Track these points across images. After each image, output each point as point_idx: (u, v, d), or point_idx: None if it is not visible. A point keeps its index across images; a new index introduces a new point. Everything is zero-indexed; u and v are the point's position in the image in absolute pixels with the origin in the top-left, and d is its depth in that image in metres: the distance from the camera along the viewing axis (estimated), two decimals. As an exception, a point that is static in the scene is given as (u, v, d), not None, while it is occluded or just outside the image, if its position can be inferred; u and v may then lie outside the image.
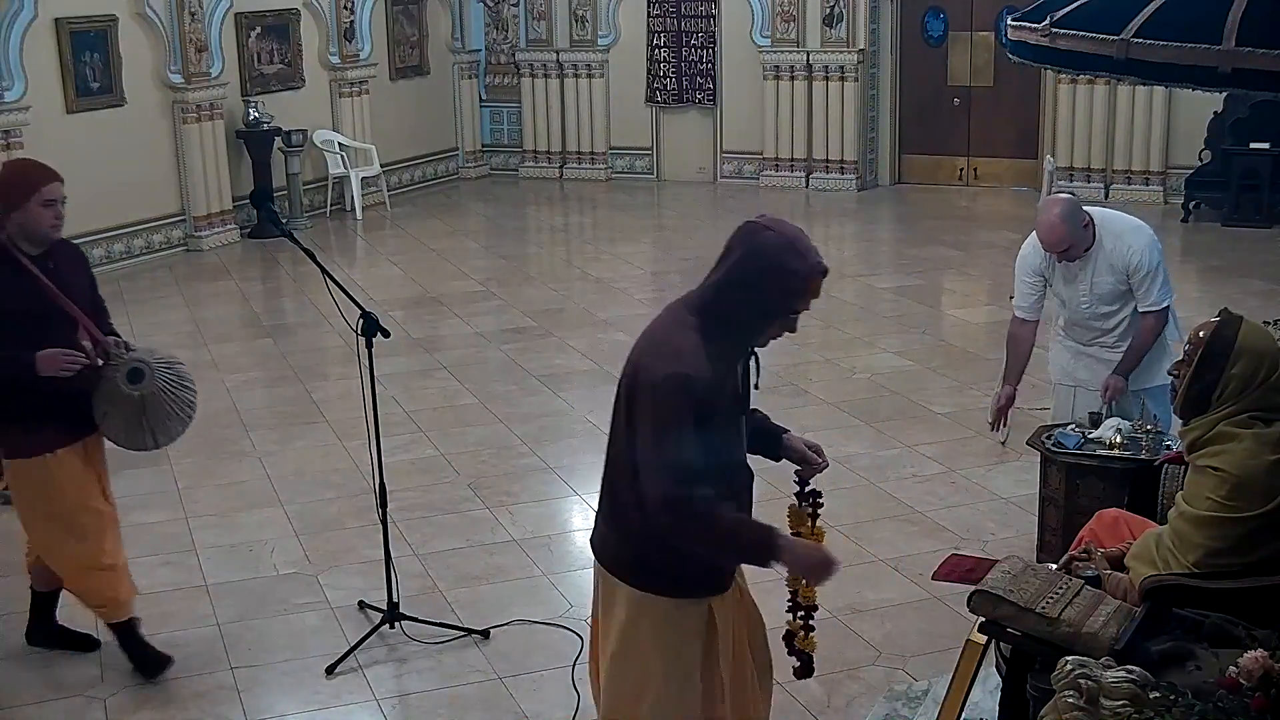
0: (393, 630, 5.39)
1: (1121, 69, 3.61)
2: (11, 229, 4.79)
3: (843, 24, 14.75)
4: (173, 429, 5.06)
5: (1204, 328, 4.03)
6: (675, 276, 11.85)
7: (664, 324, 3.40)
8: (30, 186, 4.77)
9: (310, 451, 7.53)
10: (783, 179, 15.22)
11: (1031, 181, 14.09)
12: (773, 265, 3.29)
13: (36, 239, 4.81)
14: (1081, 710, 3.07)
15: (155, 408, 4.94)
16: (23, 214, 4.76)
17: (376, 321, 5.24)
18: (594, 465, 7.26)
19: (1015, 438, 6.65)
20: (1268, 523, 3.80)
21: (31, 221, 4.77)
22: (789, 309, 3.37)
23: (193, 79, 12.66)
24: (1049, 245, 5.51)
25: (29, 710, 4.99)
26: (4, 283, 4.74)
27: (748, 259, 3.32)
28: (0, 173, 4.92)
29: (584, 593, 5.81)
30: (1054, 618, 3.56)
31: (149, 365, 4.93)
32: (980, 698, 4.28)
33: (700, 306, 3.36)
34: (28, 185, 4.78)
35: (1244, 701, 3.10)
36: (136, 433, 4.98)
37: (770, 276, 3.29)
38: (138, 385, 4.90)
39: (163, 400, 4.96)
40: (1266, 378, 3.91)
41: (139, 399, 4.89)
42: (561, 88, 16.18)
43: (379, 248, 13.26)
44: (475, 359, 9.34)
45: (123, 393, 4.89)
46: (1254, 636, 3.50)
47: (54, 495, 4.95)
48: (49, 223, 4.80)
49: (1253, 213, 12.81)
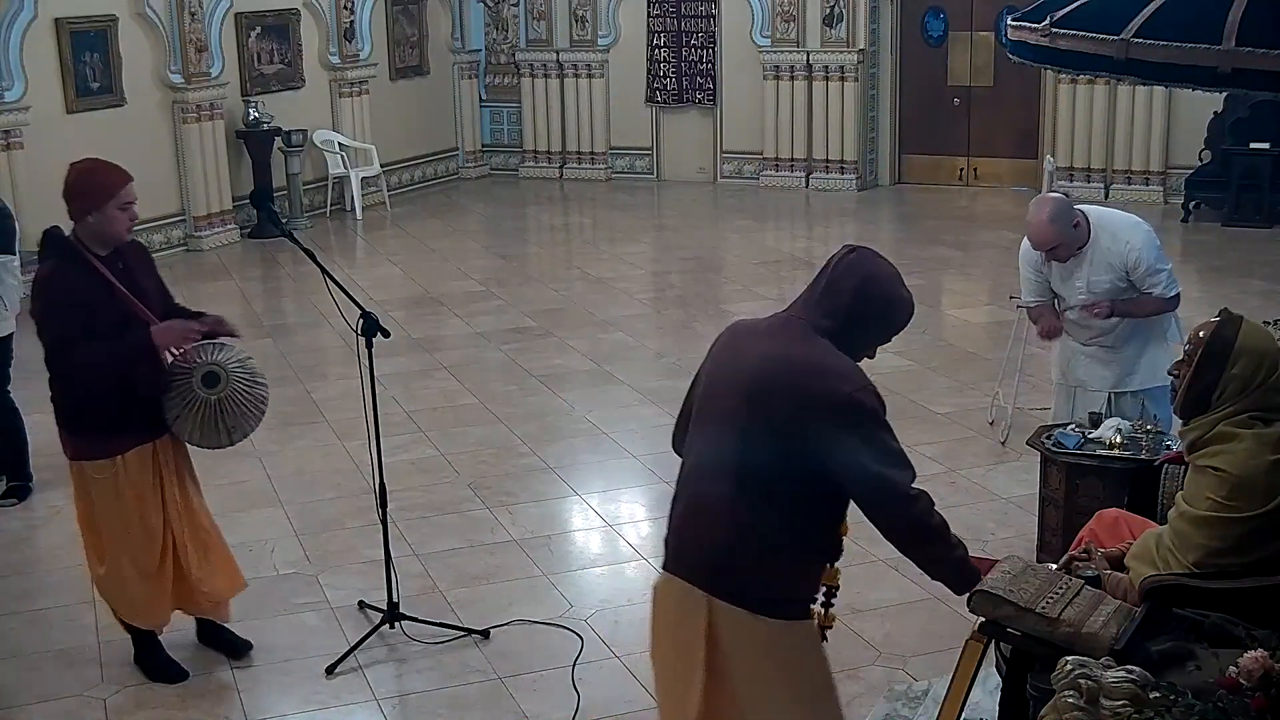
0: (393, 630, 5.39)
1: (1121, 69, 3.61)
2: (84, 231, 4.76)
3: (843, 24, 14.75)
4: (248, 425, 5.05)
5: (1204, 328, 4.03)
6: (675, 276, 11.86)
7: (809, 350, 3.38)
8: (109, 190, 4.73)
9: (310, 451, 7.53)
10: (783, 179, 15.22)
11: (1032, 181, 14.08)
12: (889, 296, 3.43)
13: (108, 241, 4.78)
14: (1081, 710, 3.06)
15: (231, 409, 4.92)
16: (100, 216, 4.71)
17: (376, 321, 5.23)
18: (594, 465, 7.35)
19: (1015, 438, 6.64)
20: (1268, 523, 3.80)
21: (108, 224, 4.74)
22: (890, 337, 3.51)
23: (193, 79, 12.67)
24: (1037, 245, 5.53)
25: (29, 710, 4.99)
26: (76, 285, 4.69)
27: (869, 289, 3.41)
28: (73, 175, 4.81)
29: (584, 593, 5.83)
30: (1054, 618, 3.56)
31: (224, 368, 4.90)
32: (980, 698, 4.28)
33: (829, 332, 3.40)
34: (106, 188, 4.73)
35: (1244, 701, 3.10)
36: (212, 434, 4.95)
37: (889, 307, 3.44)
38: (214, 389, 4.87)
39: (239, 400, 4.93)
40: (1266, 378, 3.91)
41: (215, 402, 4.87)
42: (561, 88, 16.18)
43: (379, 248, 13.26)
44: (475, 359, 9.34)
45: (199, 396, 4.86)
46: (1254, 636, 3.50)
47: (114, 499, 4.93)
48: (124, 225, 4.78)
49: (1253, 213, 12.80)
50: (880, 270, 3.45)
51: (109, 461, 4.89)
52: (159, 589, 5.08)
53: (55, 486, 7.07)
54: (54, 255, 4.79)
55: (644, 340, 9.70)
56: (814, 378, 3.32)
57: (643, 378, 8.72)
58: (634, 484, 7.04)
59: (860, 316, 3.41)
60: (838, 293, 3.42)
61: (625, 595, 5.77)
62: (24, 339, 6.20)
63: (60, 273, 4.73)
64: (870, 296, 3.41)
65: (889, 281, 3.44)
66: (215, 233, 12.95)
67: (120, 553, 5.02)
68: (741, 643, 3.40)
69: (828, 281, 3.44)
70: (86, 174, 4.83)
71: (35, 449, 7.12)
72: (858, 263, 3.45)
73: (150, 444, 4.95)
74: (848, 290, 3.41)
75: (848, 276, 3.43)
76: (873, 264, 3.45)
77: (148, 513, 4.99)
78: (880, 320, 3.45)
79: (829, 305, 3.42)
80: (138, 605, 5.12)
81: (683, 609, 3.46)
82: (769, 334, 3.46)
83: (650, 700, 4.93)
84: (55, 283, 4.72)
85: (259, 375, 5.09)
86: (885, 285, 3.43)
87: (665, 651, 3.60)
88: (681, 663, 3.48)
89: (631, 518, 6.68)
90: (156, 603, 5.11)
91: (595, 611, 5.61)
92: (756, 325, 3.54)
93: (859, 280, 3.41)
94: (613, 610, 5.63)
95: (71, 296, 4.69)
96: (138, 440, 4.91)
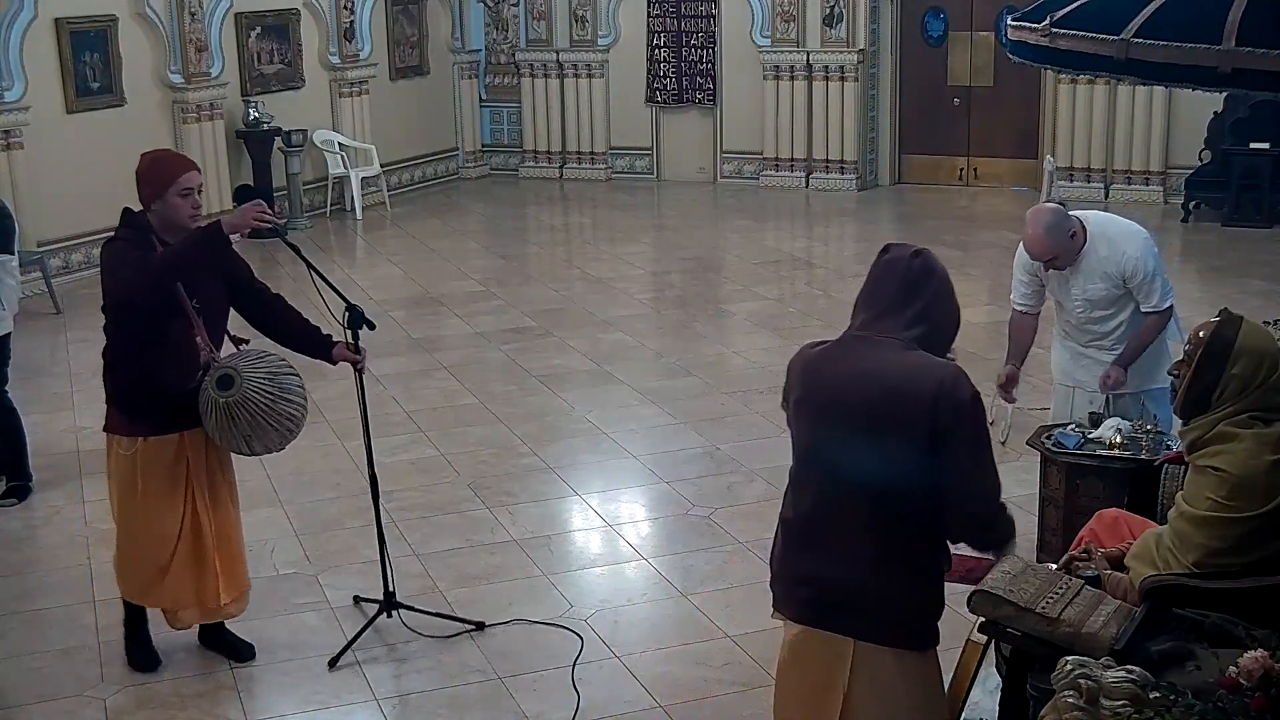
0: (390, 619, 5.39)
1: (1121, 69, 3.61)
2: (153, 218, 4.88)
3: (843, 24, 14.74)
4: (270, 439, 5.01)
5: (1204, 328, 4.03)
6: (675, 276, 11.86)
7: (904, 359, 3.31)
8: (168, 176, 4.85)
9: (310, 451, 7.52)
10: (783, 179, 15.21)
11: (1031, 181, 14.09)
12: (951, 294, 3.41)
13: (175, 229, 4.86)
14: (1081, 710, 3.06)
15: (244, 416, 4.90)
16: (162, 204, 4.83)
17: (362, 313, 5.24)
18: (594, 465, 7.35)
19: (1015, 438, 6.64)
20: (1268, 523, 3.80)
21: (171, 211, 4.84)
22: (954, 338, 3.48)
23: (193, 79, 12.66)
24: (1035, 256, 5.54)
25: (29, 710, 4.99)
26: (135, 266, 4.77)
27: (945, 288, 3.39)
28: (142, 164, 4.95)
29: (584, 593, 5.83)
30: (1054, 618, 3.56)
31: (238, 373, 4.90)
32: (980, 698, 4.28)
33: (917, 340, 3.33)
34: (166, 175, 4.85)
35: (1244, 701, 3.10)
36: (230, 437, 4.96)
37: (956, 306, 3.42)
38: (226, 392, 4.88)
39: (253, 410, 4.90)
40: (1266, 378, 3.91)
41: (224, 405, 4.88)
42: (561, 88, 16.18)
43: (379, 248, 13.26)
44: (475, 359, 9.34)
45: (210, 396, 4.89)
46: (1254, 636, 3.50)
47: (135, 479, 4.99)
48: (188, 212, 4.87)
49: (1253, 213, 12.80)
50: (941, 268, 3.40)
51: (131, 440, 4.99)
52: (158, 576, 5.09)
53: (55, 486, 7.08)
54: (126, 230, 4.92)
55: (644, 340, 9.70)
56: (932, 384, 3.24)
57: (643, 378, 8.72)
58: (634, 484, 7.04)
59: (942, 317, 3.37)
60: (916, 297, 3.34)
61: (625, 595, 5.78)
62: (22, 339, 6.20)
63: (128, 244, 4.85)
64: (947, 295, 3.38)
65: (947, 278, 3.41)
66: (215, 233, 12.93)
67: (126, 532, 5.11)
68: (879, 682, 3.35)
69: (902, 289, 3.34)
70: (151, 162, 4.98)
71: (35, 449, 7.13)
72: (928, 264, 3.37)
73: (177, 436, 4.99)
74: (929, 293, 3.35)
75: (925, 279, 3.36)
76: (938, 262, 3.40)
77: (160, 511, 5.00)
78: (955, 319, 3.41)
79: (910, 313, 3.33)
80: (129, 578, 5.17)
81: (823, 661, 3.38)
82: (857, 355, 3.35)
83: (650, 700, 4.94)
84: (124, 252, 4.82)
85: (291, 394, 5.04)
86: (948, 282, 3.40)
87: (798, 702, 3.50)
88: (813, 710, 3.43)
89: (631, 518, 6.68)
90: (152, 584, 5.12)
91: (595, 611, 5.61)
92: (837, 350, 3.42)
93: (938, 281, 3.37)
94: (613, 610, 5.63)
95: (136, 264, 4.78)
96: (160, 429, 4.97)
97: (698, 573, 5.96)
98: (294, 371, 5.12)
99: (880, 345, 3.32)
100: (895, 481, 3.25)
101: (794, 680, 3.49)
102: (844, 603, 3.33)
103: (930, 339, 3.34)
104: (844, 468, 3.30)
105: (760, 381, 8.46)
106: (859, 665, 3.33)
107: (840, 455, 3.31)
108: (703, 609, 5.60)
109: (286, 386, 5.03)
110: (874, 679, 3.34)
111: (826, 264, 12.88)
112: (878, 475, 3.26)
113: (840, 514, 3.32)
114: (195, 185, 4.88)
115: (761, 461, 7.10)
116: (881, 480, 3.26)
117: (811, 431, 3.39)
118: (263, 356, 5.06)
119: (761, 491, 6.72)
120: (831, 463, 3.33)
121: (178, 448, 5.00)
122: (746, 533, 6.27)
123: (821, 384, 3.38)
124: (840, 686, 3.35)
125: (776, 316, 10.28)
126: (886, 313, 3.34)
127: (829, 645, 3.36)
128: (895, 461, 3.24)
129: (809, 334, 9.65)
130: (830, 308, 10.32)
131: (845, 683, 3.34)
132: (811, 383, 3.40)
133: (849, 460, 3.29)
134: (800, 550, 3.41)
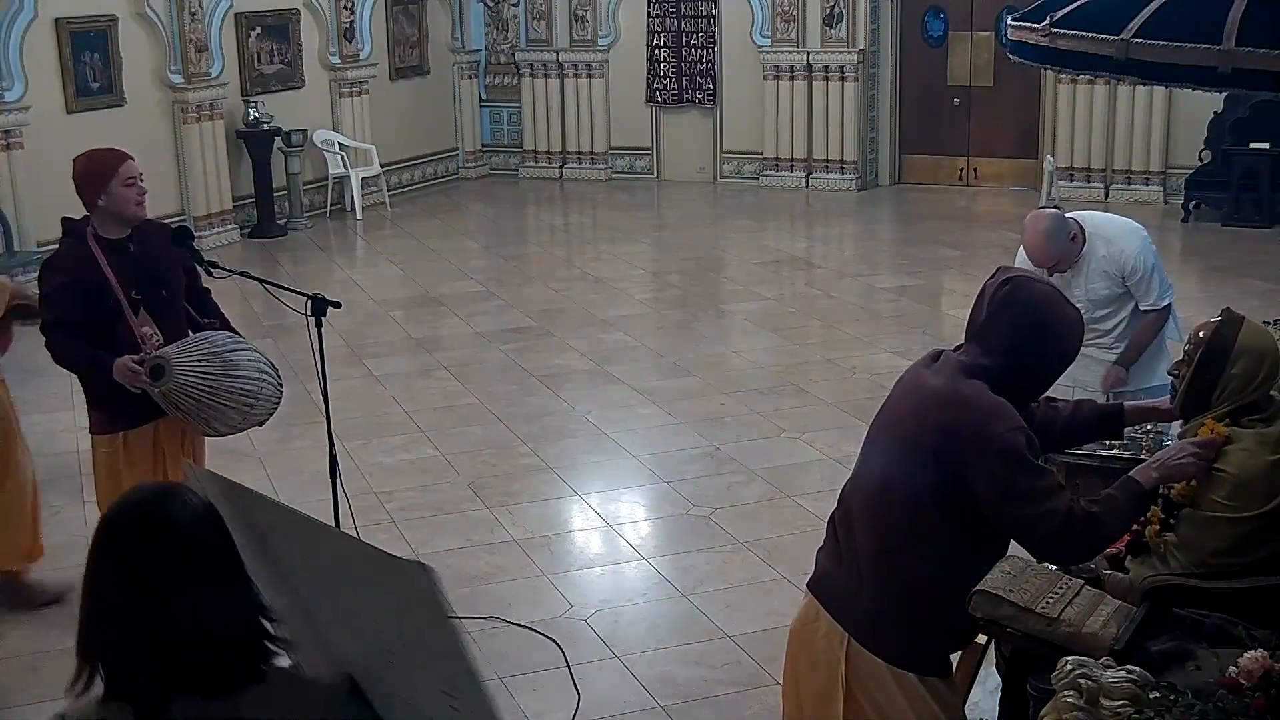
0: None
1: (1121, 69, 3.61)
2: (100, 219, 4.97)
3: (843, 24, 14.75)
4: (229, 419, 5.02)
5: (1204, 328, 4.02)
6: (675, 276, 11.86)
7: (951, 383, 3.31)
8: (109, 170, 4.94)
9: (310, 451, 7.51)
10: (783, 179, 15.22)
11: (1032, 181, 14.10)
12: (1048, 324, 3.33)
13: (123, 219, 4.97)
14: (1081, 710, 3.06)
15: (186, 402, 4.91)
16: (108, 198, 4.92)
17: (324, 299, 5.24)
18: (594, 465, 7.35)
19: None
20: (1268, 523, 3.79)
21: (118, 204, 4.94)
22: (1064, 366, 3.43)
23: (193, 79, 12.66)
24: (1038, 263, 5.53)
25: (29, 710, 4.99)
26: (75, 270, 4.91)
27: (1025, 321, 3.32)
28: (77, 167, 5.03)
29: (584, 593, 5.83)
30: (1054, 618, 3.56)
31: (167, 361, 4.90)
32: (980, 698, 4.27)
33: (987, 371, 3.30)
34: (107, 170, 4.94)
35: (1244, 701, 3.10)
36: (190, 421, 5.02)
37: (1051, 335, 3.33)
38: (159, 382, 4.88)
39: (194, 394, 4.90)
40: (1267, 378, 3.90)
41: (161, 395, 4.90)
42: (561, 88, 16.18)
43: (379, 248, 13.26)
44: (475, 359, 9.34)
45: (149, 387, 4.91)
46: (1254, 636, 3.49)
47: (118, 477, 5.03)
48: (134, 199, 4.96)
49: (1253, 213, 12.80)
50: (1036, 297, 3.33)
51: (110, 437, 5.08)
52: None
53: (55, 486, 7.07)
54: (66, 241, 5.05)
55: (644, 340, 9.70)
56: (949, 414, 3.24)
57: (643, 378, 8.71)
58: (634, 484, 7.04)
59: (1023, 350, 3.31)
60: (994, 327, 3.33)
61: (625, 595, 5.78)
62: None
63: (62, 257, 5.02)
64: (1028, 328, 3.30)
65: (1047, 307, 3.32)
66: (215, 232, 12.93)
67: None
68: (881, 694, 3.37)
69: (986, 317, 3.35)
70: (88, 161, 5.06)
71: (34, 449, 7.11)
72: (1013, 294, 3.34)
73: (153, 425, 5.08)
74: (1004, 324, 3.32)
75: (1003, 310, 3.33)
76: (1027, 292, 3.33)
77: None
78: (1044, 352, 3.34)
79: (989, 344, 3.33)
80: None
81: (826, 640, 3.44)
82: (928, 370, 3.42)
83: (650, 700, 4.94)
84: (56, 266, 5.02)
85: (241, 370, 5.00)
86: (1044, 312, 3.31)
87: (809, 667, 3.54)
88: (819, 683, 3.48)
89: (631, 518, 6.68)
90: None
91: (595, 611, 5.61)
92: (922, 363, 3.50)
93: (1014, 313, 3.32)
94: (613, 610, 5.63)
95: (70, 278, 4.93)
96: (138, 421, 5.04)
97: (698, 573, 5.96)
98: (247, 347, 5.13)
99: (946, 365, 3.38)
100: (891, 492, 3.32)
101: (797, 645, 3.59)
102: (841, 595, 3.44)
103: (1011, 376, 3.30)
104: (861, 468, 3.46)
105: (760, 381, 8.46)
106: (853, 661, 3.40)
107: (865, 455, 3.46)
108: (703, 609, 5.60)
109: (232, 363, 5.00)
110: (872, 688, 3.39)
111: (826, 264, 12.88)
112: (878, 482, 3.36)
113: (850, 510, 3.44)
114: (137, 174, 4.98)
115: (761, 461, 7.10)
116: (879, 488, 3.35)
117: (869, 429, 3.54)
118: (207, 339, 5.07)
119: (761, 491, 6.73)
120: (860, 460, 3.49)
121: (154, 438, 5.10)
122: (746, 533, 6.27)
123: (893, 389, 3.54)
124: (839, 677, 3.41)
125: (776, 316, 10.28)
126: (973, 336, 3.41)
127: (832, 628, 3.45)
128: (896, 474, 3.31)
129: (809, 334, 9.72)
130: (830, 308, 10.33)
131: (843, 673, 3.40)
132: (894, 386, 3.55)
133: (866, 462, 3.44)
134: (829, 533, 3.57)
